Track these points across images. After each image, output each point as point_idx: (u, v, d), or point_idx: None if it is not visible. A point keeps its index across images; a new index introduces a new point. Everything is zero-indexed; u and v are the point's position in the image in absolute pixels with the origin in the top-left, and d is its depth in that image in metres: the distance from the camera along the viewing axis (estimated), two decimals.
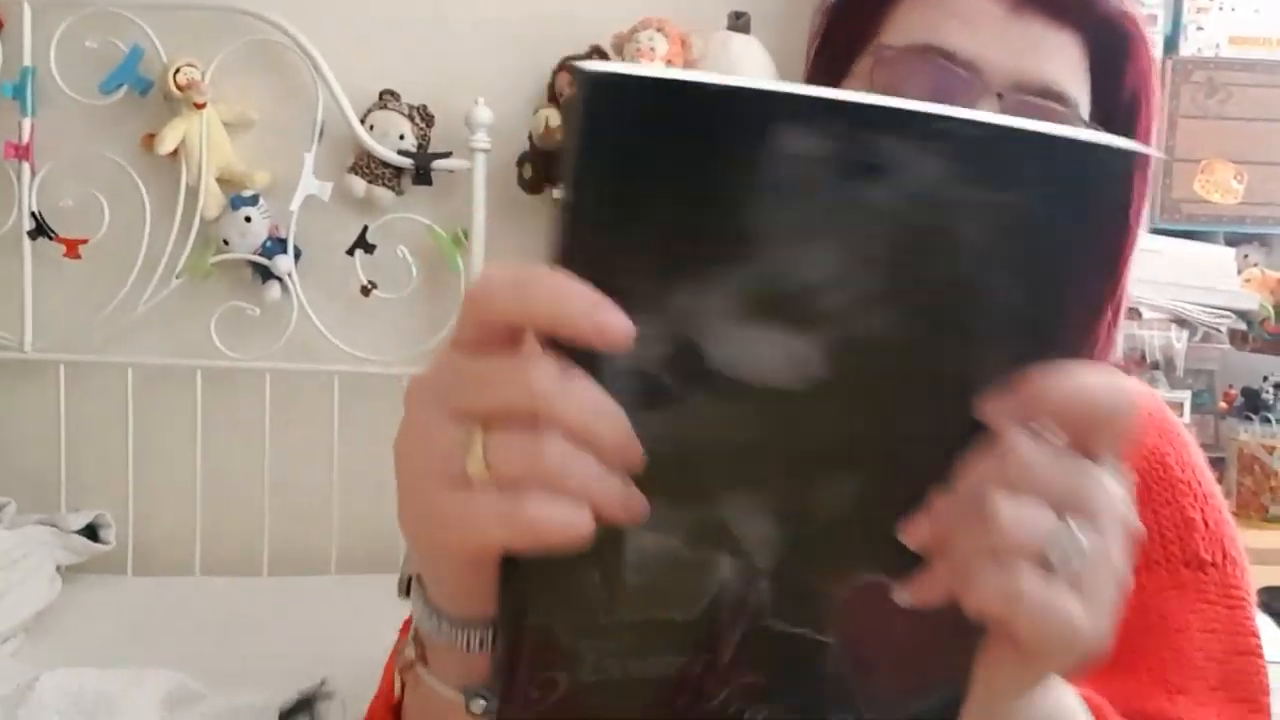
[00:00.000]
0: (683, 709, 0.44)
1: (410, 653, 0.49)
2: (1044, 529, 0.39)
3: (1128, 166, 0.37)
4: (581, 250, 0.37)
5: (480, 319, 0.38)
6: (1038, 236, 0.38)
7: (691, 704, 0.44)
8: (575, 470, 0.37)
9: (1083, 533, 0.39)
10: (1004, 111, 0.66)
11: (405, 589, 0.50)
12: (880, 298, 0.38)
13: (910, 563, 0.41)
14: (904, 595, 0.41)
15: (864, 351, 0.38)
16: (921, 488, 0.40)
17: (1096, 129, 0.69)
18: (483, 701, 0.46)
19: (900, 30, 0.70)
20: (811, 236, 0.37)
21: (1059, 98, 0.68)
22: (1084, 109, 0.70)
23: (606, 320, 0.36)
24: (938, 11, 0.69)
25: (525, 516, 0.37)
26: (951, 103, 0.61)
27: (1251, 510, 1.91)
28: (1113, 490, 0.40)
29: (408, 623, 0.51)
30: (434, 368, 0.41)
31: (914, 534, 0.41)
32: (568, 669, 0.42)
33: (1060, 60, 0.68)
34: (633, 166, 0.36)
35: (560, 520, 0.37)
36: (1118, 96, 0.71)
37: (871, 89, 0.69)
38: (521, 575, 0.41)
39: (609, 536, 0.39)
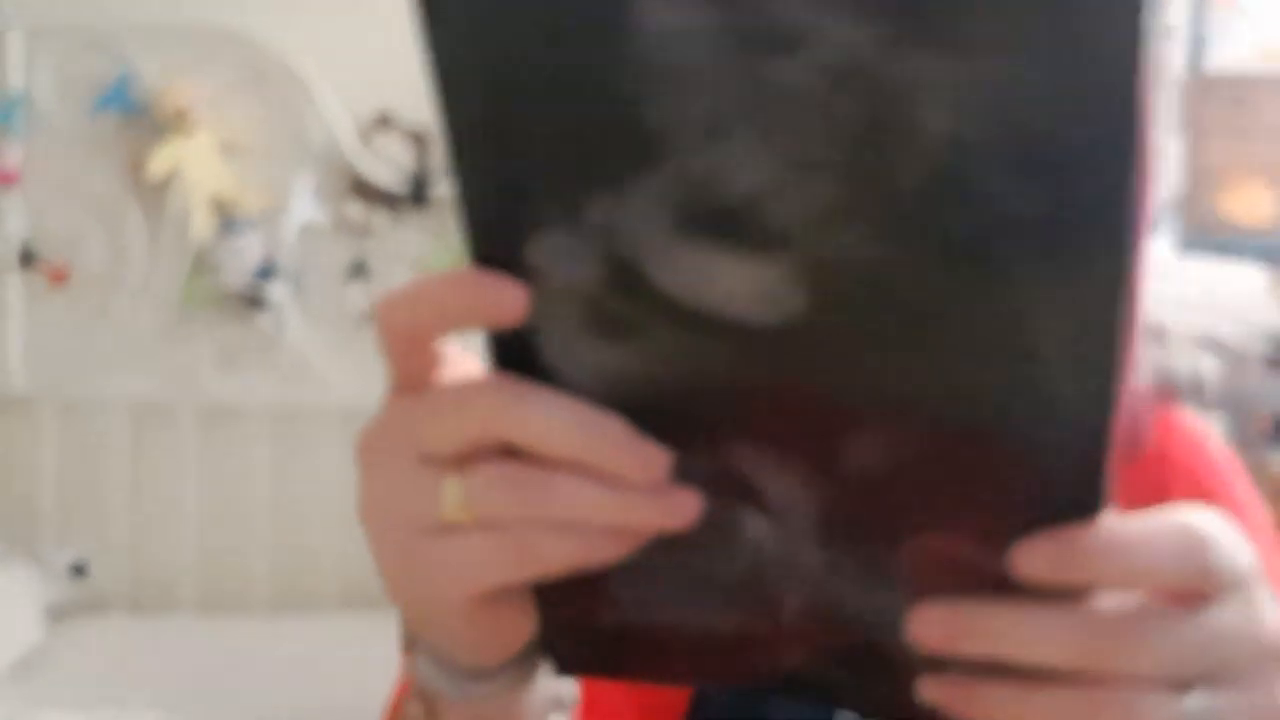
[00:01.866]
0: (758, 670, 0.41)
1: (416, 711, 0.44)
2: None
3: (1135, 11, 0.27)
4: (465, 159, 0.32)
5: (394, 346, 0.36)
6: (1031, 114, 0.28)
7: (765, 666, 0.41)
8: (574, 496, 0.34)
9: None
10: None
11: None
12: (842, 209, 0.30)
13: (999, 511, 0.34)
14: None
15: (842, 277, 0.31)
16: (963, 433, 0.34)
17: None
18: None
19: None
20: (726, 133, 0.30)
21: None
22: None
23: (492, 294, 0.33)
24: None
25: (530, 554, 0.35)
26: None
27: None
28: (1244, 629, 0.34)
29: (405, 686, 0.46)
30: (381, 417, 0.38)
31: (921, 632, 0.35)
32: (604, 602, 0.39)
33: None
34: (493, 66, 0.31)
35: (568, 548, 0.35)
36: None
37: None
38: None
39: None
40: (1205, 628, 0.33)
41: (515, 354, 0.35)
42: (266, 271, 2.04)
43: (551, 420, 0.34)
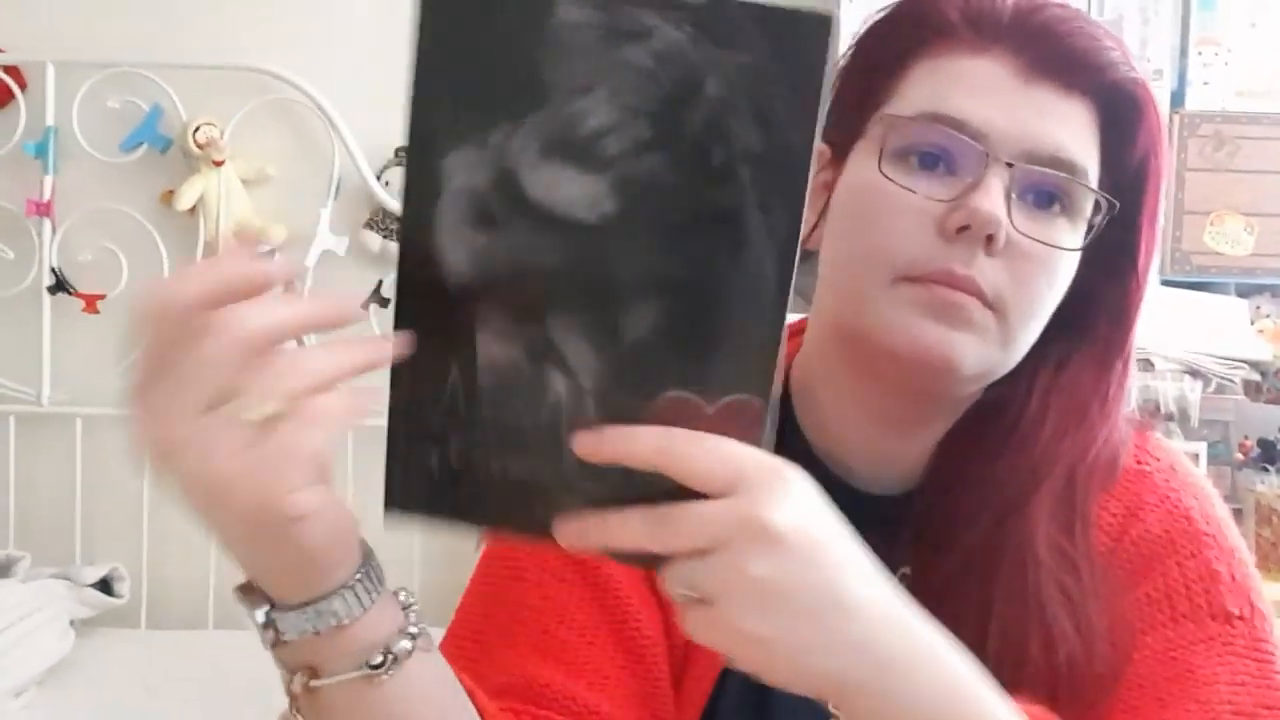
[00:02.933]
0: (539, 513, 0.52)
1: (293, 687, 0.54)
2: None
3: (824, 29, 0.47)
4: (423, 95, 0.48)
5: (169, 317, 0.46)
6: (762, 89, 0.47)
7: (544, 510, 0.51)
8: (323, 359, 0.47)
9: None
10: (1010, 182, 0.67)
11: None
12: (649, 143, 0.48)
13: (711, 377, 0.50)
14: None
15: (641, 191, 0.48)
16: (710, 314, 0.49)
17: (1104, 195, 0.70)
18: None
19: (912, 97, 0.71)
20: (591, 90, 0.47)
21: (1068, 166, 0.69)
22: (1093, 175, 0.71)
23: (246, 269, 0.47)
24: (949, 80, 0.70)
25: (318, 413, 0.47)
26: (962, 171, 0.65)
27: (1270, 563, 1.90)
28: None
29: None
30: (142, 401, 0.48)
31: (587, 451, 0.49)
32: (437, 447, 0.51)
33: (1070, 128, 0.69)
34: (455, 31, 0.47)
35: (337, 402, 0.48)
36: (1128, 160, 0.72)
37: (884, 151, 0.70)
38: (398, 358, 0.51)
39: (462, 336, 0.50)
40: (695, 514, 0.48)
41: (420, 233, 0.49)
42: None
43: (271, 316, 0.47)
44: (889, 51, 0.73)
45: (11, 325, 2.12)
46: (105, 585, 1.97)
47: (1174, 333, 1.87)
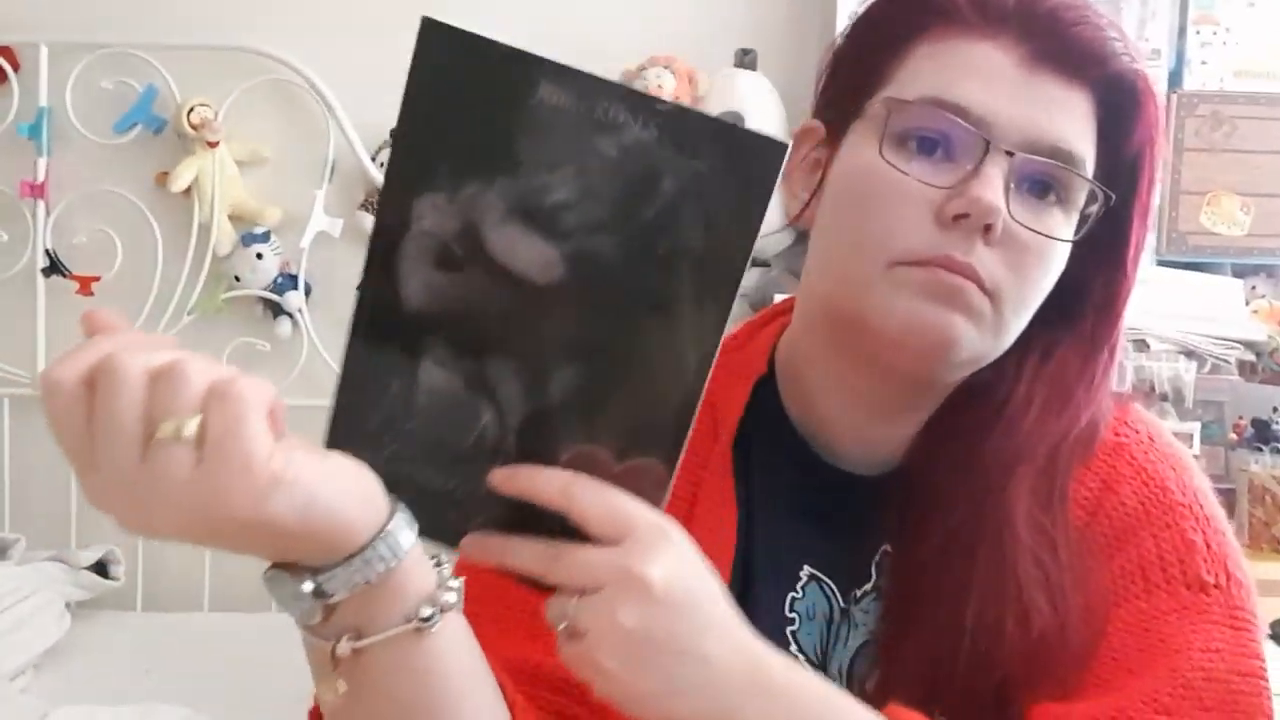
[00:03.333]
0: (450, 524, 0.56)
1: (340, 652, 0.55)
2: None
3: (779, 155, 0.51)
4: (407, 140, 0.52)
5: (65, 395, 0.47)
6: (712, 197, 0.52)
7: (456, 521, 0.57)
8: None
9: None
10: (1009, 171, 0.67)
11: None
12: (604, 224, 0.52)
13: (623, 437, 0.55)
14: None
15: (590, 265, 0.53)
16: (630, 384, 0.55)
17: (1100, 187, 0.70)
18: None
19: (913, 80, 0.70)
20: (559, 167, 0.52)
21: (1067, 157, 0.69)
22: (1090, 165, 0.71)
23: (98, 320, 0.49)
24: (952, 64, 0.69)
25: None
26: (961, 158, 0.65)
27: (1263, 542, 1.90)
28: None
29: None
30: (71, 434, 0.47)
31: (500, 483, 0.55)
32: (371, 448, 0.54)
33: (1071, 118, 0.69)
34: (445, 90, 0.51)
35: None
36: (1124, 150, 0.72)
37: (884, 135, 0.70)
38: (350, 363, 0.55)
39: (409, 355, 0.54)
40: (581, 557, 0.55)
41: (384, 258, 0.53)
42: (284, 280, 2.10)
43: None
44: (890, 32, 0.72)
45: (6, 308, 2.12)
46: (101, 568, 1.97)
47: (1169, 313, 1.87)
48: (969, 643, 0.55)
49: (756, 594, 0.74)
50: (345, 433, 0.56)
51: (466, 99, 0.52)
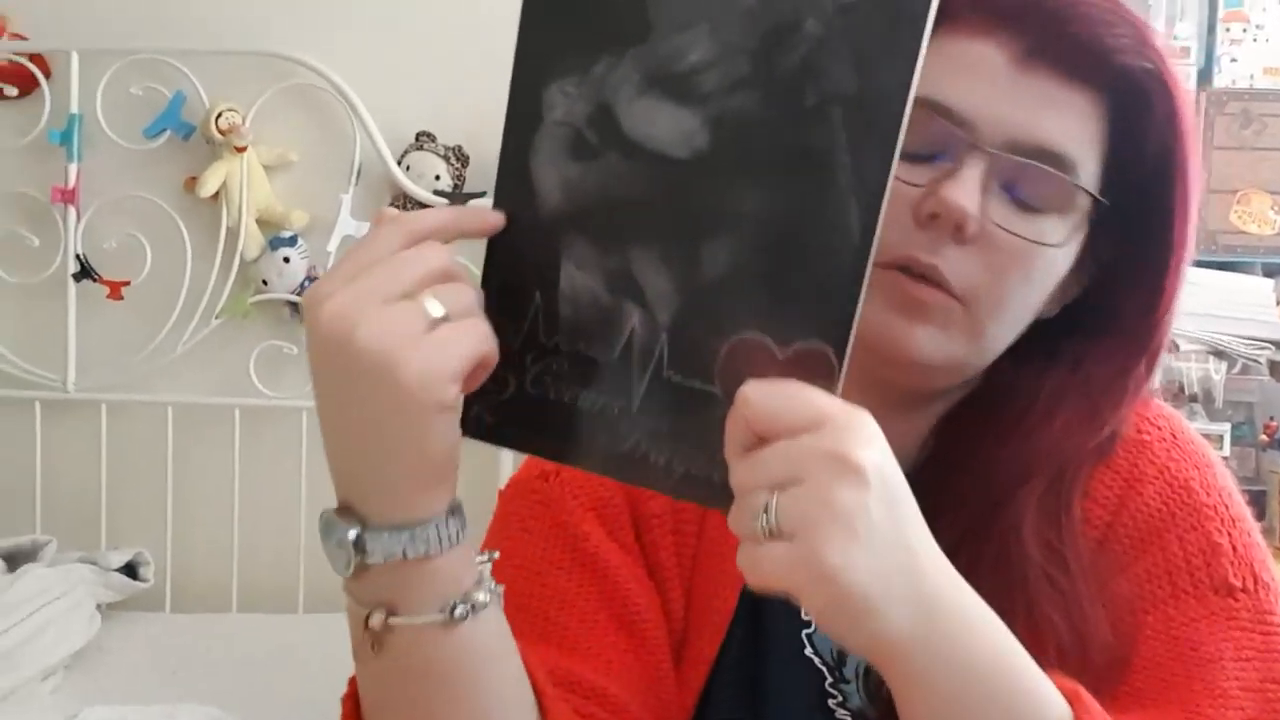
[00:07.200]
0: (601, 445, 0.53)
1: (373, 623, 0.55)
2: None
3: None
4: (533, 21, 0.51)
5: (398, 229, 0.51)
6: (860, 32, 0.48)
7: (607, 443, 0.53)
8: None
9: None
10: (990, 171, 0.66)
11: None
12: (745, 80, 0.49)
13: (786, 321, 0.50)
14: None
15: (734, 128, 0.49)
16: (790, 257, 0.50)
17: (1087, 190, 0.68)
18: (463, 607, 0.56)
19: None
20: (693, 25, 0.49)
21: (1055, 159, 0.67)
22: (1088, 168, 0.68)
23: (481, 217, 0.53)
24: (942, 63, 0.67)
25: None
26: (944, 157, 0.64)
27: None
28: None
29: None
30: (351, 285, 0.51)
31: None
32: (515, 373, 0.53)
33: (1066, 119, 0.67)
34: None
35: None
36: (1141, 151, 0.70)
37: None
38: (488, 282, 0.53)
39: (548, 263, 0.52)
40: (783, 447, 0.49)
41: (516, 161, 0.52)
42: (311, 283, 2.10)
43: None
44: None
45: (36, 312, 2.14)
46: (130, 569, 1.99)
47: (1199, 313, 1.85)
48: None
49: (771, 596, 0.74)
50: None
51: None
